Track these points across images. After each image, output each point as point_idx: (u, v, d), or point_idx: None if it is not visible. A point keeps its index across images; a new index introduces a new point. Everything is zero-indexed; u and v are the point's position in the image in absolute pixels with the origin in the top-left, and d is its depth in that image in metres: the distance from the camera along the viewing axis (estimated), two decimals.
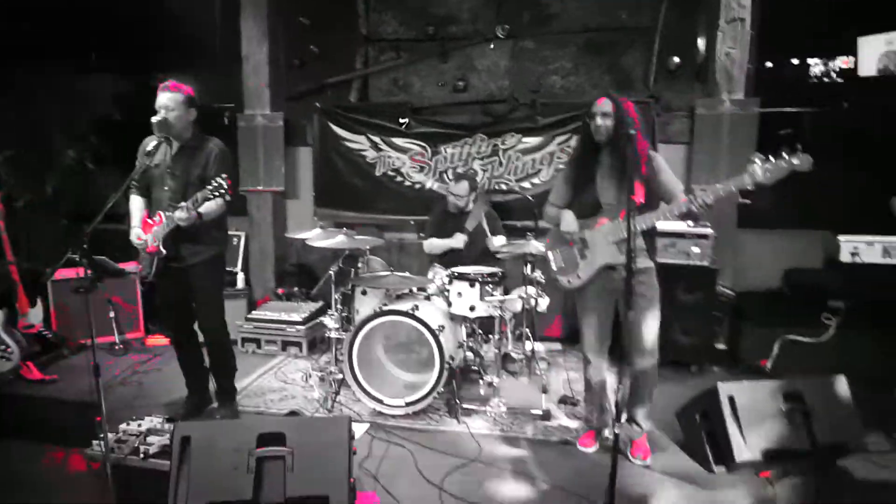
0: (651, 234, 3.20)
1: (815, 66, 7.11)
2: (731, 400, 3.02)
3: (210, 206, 3.30)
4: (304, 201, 5.80)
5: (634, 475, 3.10)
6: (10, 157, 5.24)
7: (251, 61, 5.53)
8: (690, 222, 4.38)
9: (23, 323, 4.62)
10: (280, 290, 5.36)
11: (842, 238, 3.43)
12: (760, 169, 2.77)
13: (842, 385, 3.14)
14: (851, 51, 5.25)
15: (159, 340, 5.22)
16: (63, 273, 5.10)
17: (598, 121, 2.99)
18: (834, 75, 6.60)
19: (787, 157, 2.72)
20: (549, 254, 3.37)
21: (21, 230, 4.76)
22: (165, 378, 4.45)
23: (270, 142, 5.52)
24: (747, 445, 2.95)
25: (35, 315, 4.77)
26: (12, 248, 4.57)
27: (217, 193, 3.16)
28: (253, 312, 5.03)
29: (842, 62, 6.11)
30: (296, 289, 5.34)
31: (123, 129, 6.00)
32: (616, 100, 3.01)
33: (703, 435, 3.15)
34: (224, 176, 3.17)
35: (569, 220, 3.21)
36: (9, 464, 3.58)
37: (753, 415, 3.00)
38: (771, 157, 2.77)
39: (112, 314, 5.02)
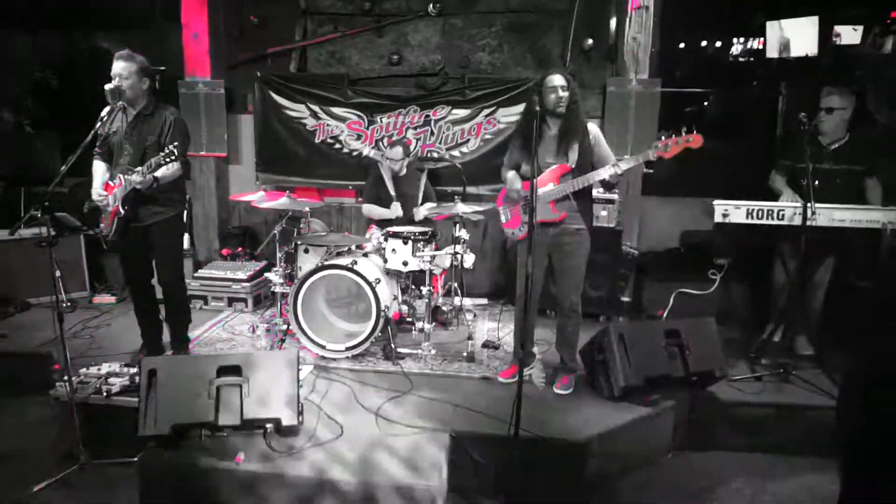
0: (585, 199, 3.62)
1: (735, 45, 7.83)
2: (621, 337, 3.59)
3: (163, 172, 3.59)
4: (245, 166, 6.06)
5: (547, 402, 3.65)
6: None
7: (192, 29, 5.69)
8: (602, 189, 4.92)
9: None
10: (224, 251, 5.64)
11: (715, 202, 4.03)
12: (662, 144, 3.31)
13: (710, 325, 3.78)
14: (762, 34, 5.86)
15: (105, 299, 5.43)
16: (4, 234, 5.23)
17: (561, 93, 3.40)
18: (749, 56, 7.31)
19: (683, 136, 3.27)
20: (500, 210, 3.83)
21: None
22: (115, 332, 4.71)
23: (212, 109, 5.73)
24: (633, 373, 3.54)
25: None
26: None
27: (168, 160, 3.46)
28: (199, 271, 5.31)
29: (758, 42, 6.80)
30: (240, 249, 5.64)
31: (60, 93, 6.08)
32: (567, 75, 3.48)
33: (600, 367, 3.73)
34: (175, 143, 3.47)
35: (511, 180, 3.68)
36: None
37: (639, 349, 3.59)
38: (672, 136, 3.31)
39: (58, 273, 5.18)
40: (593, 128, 3.59)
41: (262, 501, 2.83)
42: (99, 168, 3.90)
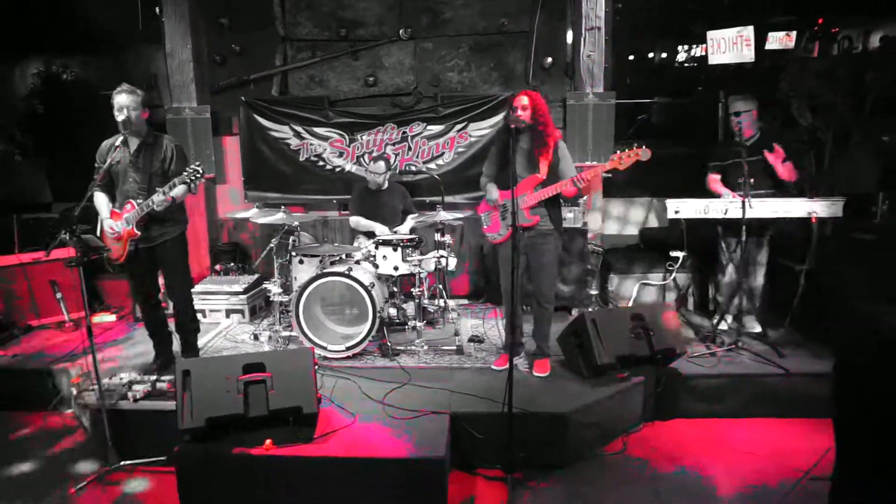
0: (555, 205, 4.09)
1: (680, 53, 8.49)
2: (594, 322, 4.08)
3: (178, 191, 3.93)
4: (232, 185, 6.38)
5: (532, 384, 4.09)
6: None
7: (176, 58, 6.02)
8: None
9: None
10: (218, 267, 5.95)
11: (668, 201, 4.56)
12: (616, 157, 3.78)
13: (670, 309, 4.31)
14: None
15: (105, 318, 5.68)
16: (6, 260, 5.45)
17: (519, 112, 3.87)
18: (693, 62, 7.96)
19: (634, 150, 3.75)
20: (482, 216, 4.28)
21: None
22: (122, 346, 4.98)
23: (199, 133, 6.05)
24: (606, 353, 4.02)
25: None
26: None
27: (192, 178, 3.80)
28: (197, 286, 5.60)
29: (701, 49, 7.44)
30: (232, 264, 5.95)
31: (45, 122, 6.31)
32: (532, 95, 3.93)
33: (577, 350, 4.21)
34: (198, 163, 3.82)
35: (491, 191, 4.15)
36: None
37: (610, 332, 4.08)
38: (626, 150, 3.79)
39: (59, 295, 5.43)
40: (562, 145, 4.06)
41: (292, 481, 3.20)
42: (102, 199, 4.13)
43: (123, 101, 3.96)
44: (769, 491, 3.35)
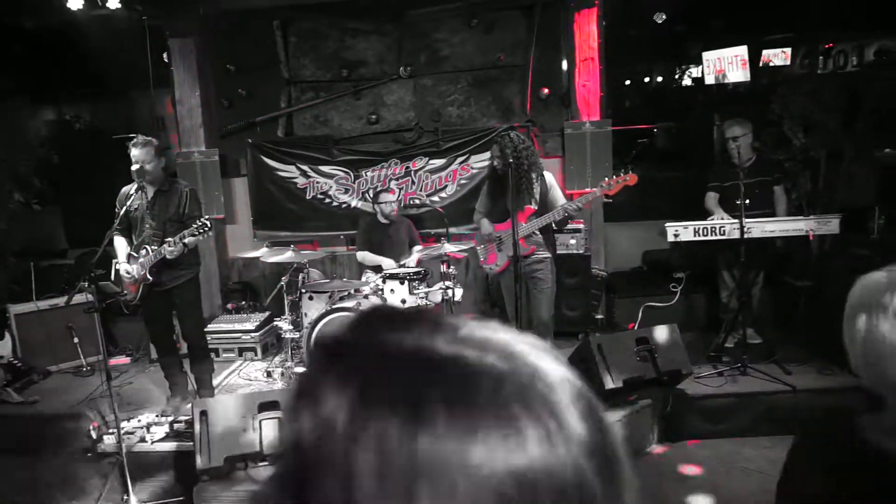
0: (548, 233, 4.25)
1: (677, 74, 8.66)
2: (599, 347, 4.14)
3: (190, 241, 4.06)
4: (241, 225, 6.53)
5: None
6: None
7: (185, 104, 6.22)
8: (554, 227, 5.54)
9: None
10: (230, 305, 6.07)
11: (667, 224, 4.67)
12: (605, 184, 3.95)
13: (674, 331, 4.36)
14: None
15: (120, 360, 5.80)
16: (25, 307, 5.60)
17: (494, 161, 4.06)
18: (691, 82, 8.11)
19: (622, 176, 3.91)
20: (478, 249, 4.41)
21: None
22: (138, 388, 5.10)
23: (208, 175, 6.22)
24: (612, 378, 4.08)
25: (3, 347, 5.26)
26: None
27: (200, 231, 3.93)
28: (209, 326, 5.71)
29: (698, 71, 7.61)
30: (243, 302, 6.07)
31: (59, 169, 6.52)
32: (499, 143, 4.07)
33: (583, 375, 4.23)
34: (207, 217, 3.97)
35: (485, 226, 4.32)
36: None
37: (615, 356, 4.15)
38: (613, 177, 3.94)
39: (76, 340, 5.56)
40: (549, 176, 4.23)
41: None
42: (121, 243, 4.28)
43: (139, 155, 4.10)
44: None
